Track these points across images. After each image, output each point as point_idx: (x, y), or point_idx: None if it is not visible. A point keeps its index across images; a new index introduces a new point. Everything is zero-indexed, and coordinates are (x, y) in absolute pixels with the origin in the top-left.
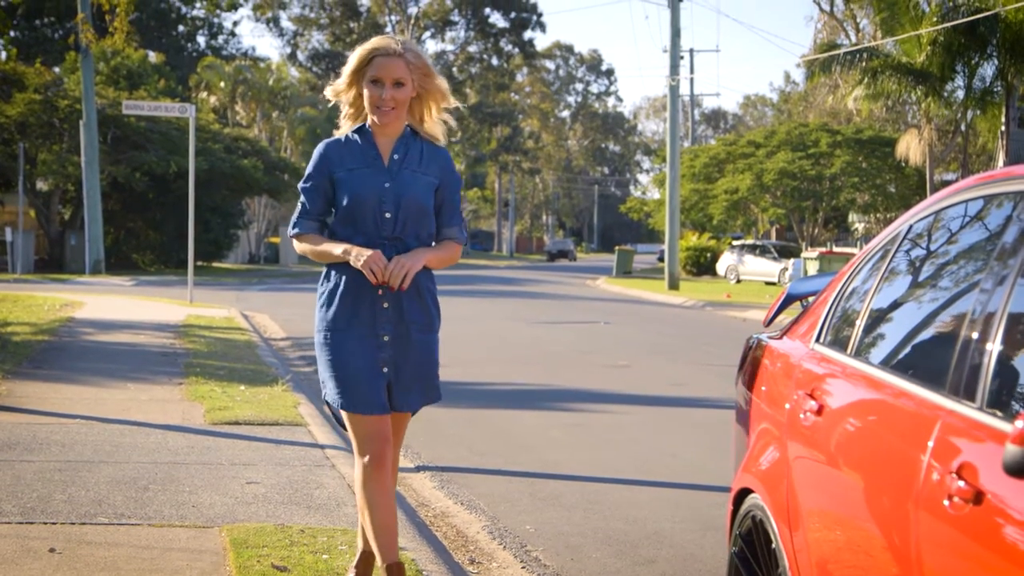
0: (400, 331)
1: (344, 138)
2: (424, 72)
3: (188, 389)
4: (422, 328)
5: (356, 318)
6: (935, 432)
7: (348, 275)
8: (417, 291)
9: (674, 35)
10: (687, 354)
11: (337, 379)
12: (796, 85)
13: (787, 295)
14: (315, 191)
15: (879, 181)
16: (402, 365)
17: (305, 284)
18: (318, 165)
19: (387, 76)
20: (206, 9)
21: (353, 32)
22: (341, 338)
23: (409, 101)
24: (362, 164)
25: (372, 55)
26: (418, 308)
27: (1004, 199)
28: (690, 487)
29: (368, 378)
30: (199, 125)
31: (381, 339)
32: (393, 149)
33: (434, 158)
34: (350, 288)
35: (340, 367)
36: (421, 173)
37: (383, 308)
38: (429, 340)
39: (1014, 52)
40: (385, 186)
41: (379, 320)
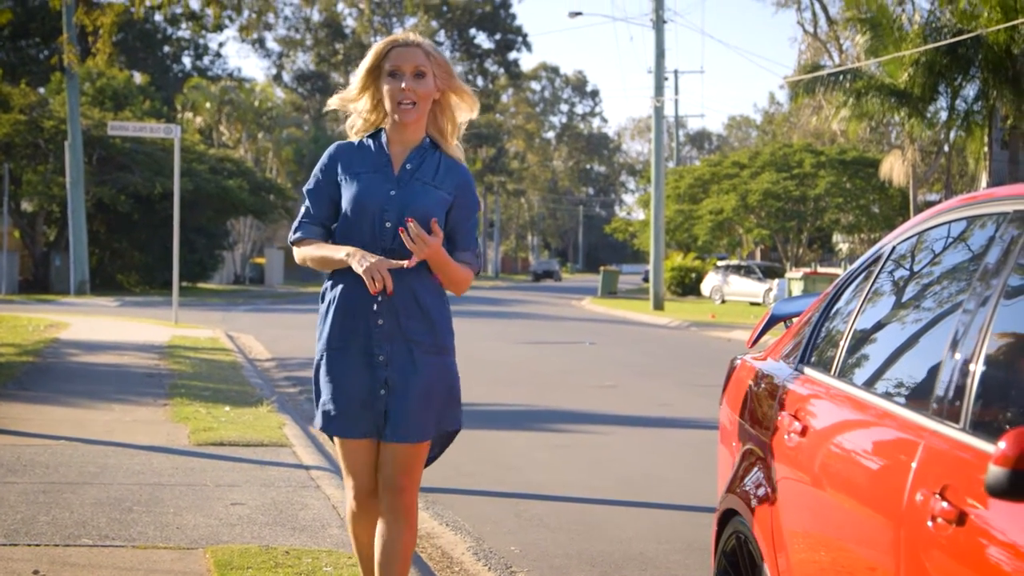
0: (400, 351)
1: (358, 142)
2: (445, 69)
3: (173, 410)
4: (428, 348)
5: (352, 335)
6: (919, 453)
7: (345, 287)
8: (418, 306)
9: (659, 56)
10: (672, 374)
11: (328, 402)
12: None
13: (771, 316)
14: (319, 193)
15: (863, 202)
16: (404, 389)
17: (291, 305)
18: (325, 166)
19: (406, 65)
20: (192, 30)
21: (338, 53)
22: (334, 358)
23: (431, 101)
24: (370, 169)
25: (389, 47)
26: (420, 326)
27: (987, 220)
28: (675, 508)
29: (357, 399)
30: (184, 146)
31: (377, 359)
32: (407, 158)
33: (451, 173)
34: (346, 302)
35: (328, 387)
36: (433, 186)
37: (378, 325)
38: (439, 362)
39: (996, 73)
40: (390, 194)
41: (375, 338)
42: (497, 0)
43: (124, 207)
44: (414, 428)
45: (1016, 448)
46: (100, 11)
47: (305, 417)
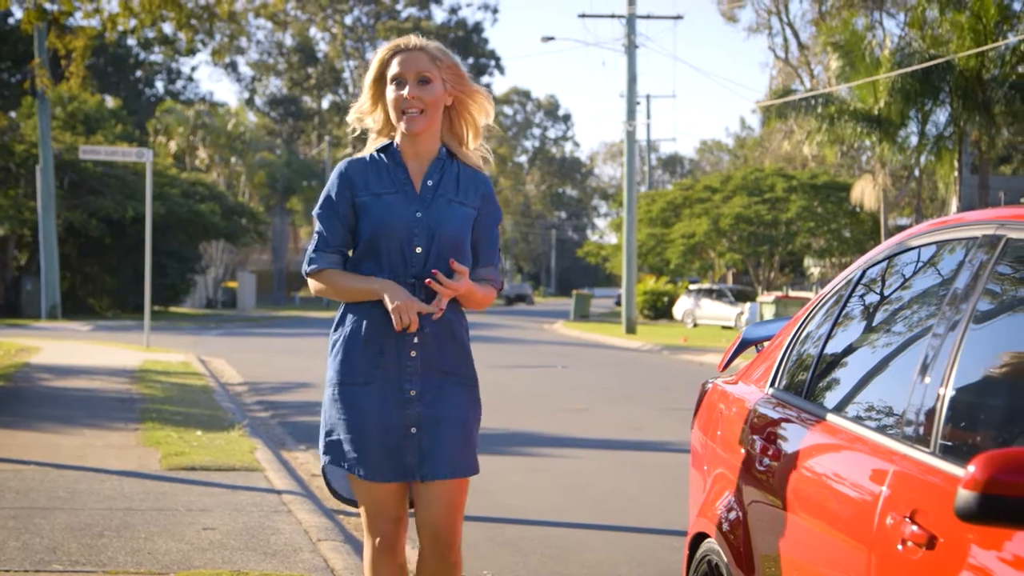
0: (432, 384)
1: (369, 157)
2: (455, 72)
3: (144, 435)
4: (460, 381)
5: (378, 368)
6: (889, 477)
7: (371, 316)
8: (451, 335)
9: (631, 81)
10: (644, 398)
11: (348, 441)
12: (752, 130)
13: (742, 340)
14: (334, 218)
15: (834, 226)
16: (435, 424)
17: (263, 329)
18: (339, 187)
19: (409, 70)
20: (164, 54)
21: (311, 77)
22: (357, 393)
23: (442, 107)
24: (390, 188)
25: (391, 54)
26: (454, 356)
27: (956, 245)
28: (647, 531)
29: (388, 439)
30: (156, 170)
31: (407, 393)
32: (427, 173)
33: (473, 184)
34: (373, 332)
35: (354, 427)
36: (458, 203)
37: (410, 357)
38: (470, 396)
39: (966, 98)
40: (416, 216)
41: (405, 371)
42: (470, 24)
43: (96, 231)
44: (459, 461)
45: (985, 472)
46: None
47: (276, 441)
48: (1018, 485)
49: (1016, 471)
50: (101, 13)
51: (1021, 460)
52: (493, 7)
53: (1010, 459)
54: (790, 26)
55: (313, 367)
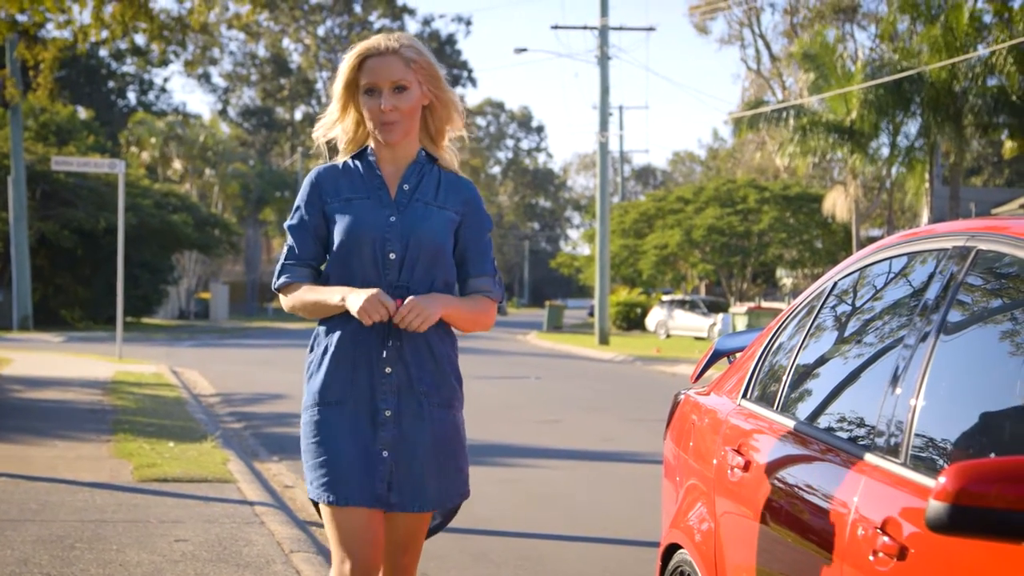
0: (408, 405)
1: (342, 164)
2: (430, 73)
3: (116, 446)
4: (440, 402)
5: (352, 387)
6: (860, 488)
7: (343, 332)
8: (431, 353)
9: (603, 92)
10: (617, 409)
11: (323, 466)
12: (724, 142)
13: (714, 351)
14: (304, 229)
15: (806, 237)
16: (410, 449)
17: (236, 340)
18: (308, 196)
19: (383, 79)
20: (137, 65)
21: (284, 88)
22: (329, 415)
23: (420, 112)
24: (362, 193)
25: (361, 59)
26: (432, 376)
27: (927, 256)
28: (620, 542)
29: (357, 461)
30: (129, 181)
31: (382, 414)
32: (403, 177)
33: (454, 189)
34: (344, 349)
35: (322, 449)
36: (437, 206)
37: (385, 374)
38: (449, 418)
39: (937, 110)
40: (390, 220)
41: (379, 389)
42: (443, 36)
43: (68, 242)
44: (423, 495)
45: (956, 483)
46: (42, 46)
47: (249, 453)
48: (988, 496)
49: (986, 482)
50: (73, 24)
51: (991, 471)
52: (466, 19)
53: (980, 470)
54: (762, 38)
55: (286, 378)
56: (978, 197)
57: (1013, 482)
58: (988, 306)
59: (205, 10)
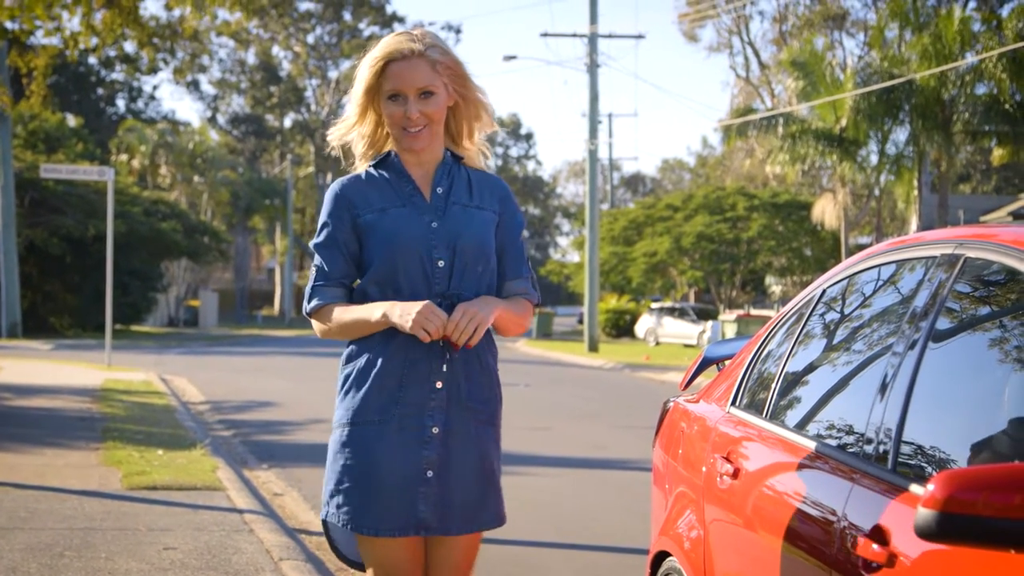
0: (456, 421)
1: (364, 174)
2: (456, 73)
3: (105, 454)
4: (486, 418)
5: (397, 404)
6: (849, 495)
7: (390, 346)
8: (480, 364)
9: (593, 100)
10: (607, 416)
11: (358, 490)
12: (713, 149)
13: (704, 358)
14: (334, 246)
15: (795, 244)
16: (455, 469)
17: (225, 347)
18: (334, 210)
19: (408, 86)
20: (126, 73)
21: (273, 96)
22: (370, 434)
23: (445, 113)
24: (395, 202)
25: (384, 63)
26: (483, 388)
27: (915, 263)
28: (610, 549)
29: (403, 487)
30: (118, 188)
31: (428, 431)
32: (435, 180)
33: (488, 188)
34: (392, 363)
35: (363, 473)
36: (475, 207)
37: (436, 388)
38: (493, 436)
39: (925, 117)
40: (432, 227)
41: (428, 405)
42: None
43: (57, 250)
44: (478, 514)
45: (945, 491)
46: (33, 53)
47: (239, 460)
48: (977, 504)
49: (975, 490)
50: (62, 31)
51: (980, 479)
52: (456, 27)
53: (969, 478)
54: (751, 45)
55: (276, 386)
56: (967, 204)
57: (1001, 490)
58: (976, 314)
59: (196, 17)
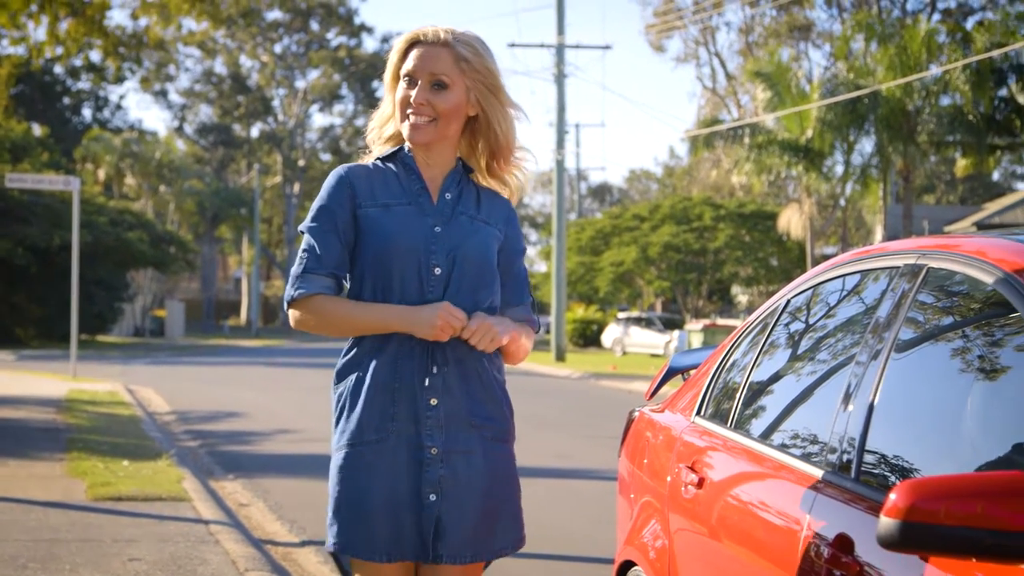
0: (457, 440)
1: (372, 164)
2: (486, 81)
3: (70, 465)
4: (495, 435)
5: (392, 421)
6: (813, 504)
7: (380, 358)
8: (479, 379)
9: (560, 110)
10: (573, 426)
11: (349, 514)
12: (680, 159)
13: (669, 368)
14: (331, 231)
15: (761, 254)
16: (460, 492)
17: (192, 358)
18: (335, 193)
19: (421, 70)
20: (92, 82)
21: (241, 105)
22: (366, 455)
23: (461, 118)
24: (401, 199)
25: (410, 44)
26: (485, 404)
27: (880, 273)
28: (575, 559)
29: (397, 509)
30: (84, 198)
31: (427, 452)
32: (444, 185)
33: (495, 205)
34: (383, 377)
35: (359, 495)
36: (482, 221)
37: (430, 405)
38: (506, 454)
39: (891, 128)
40: (435, 231)
41: (424, 423)
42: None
43: (22, 260)
44: (474, 544)
45: (907, 500)
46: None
47: (204, 471)
48: (939, 513)
49: (937, 499)
50: (27, 40)
51: (942, 488)
52: None
53: (931, 487)
54: (717, 56)
55: (243, 396)
56: (931, 215)
57: (963, 499)
58: (939, 324)
59: (161, 26)
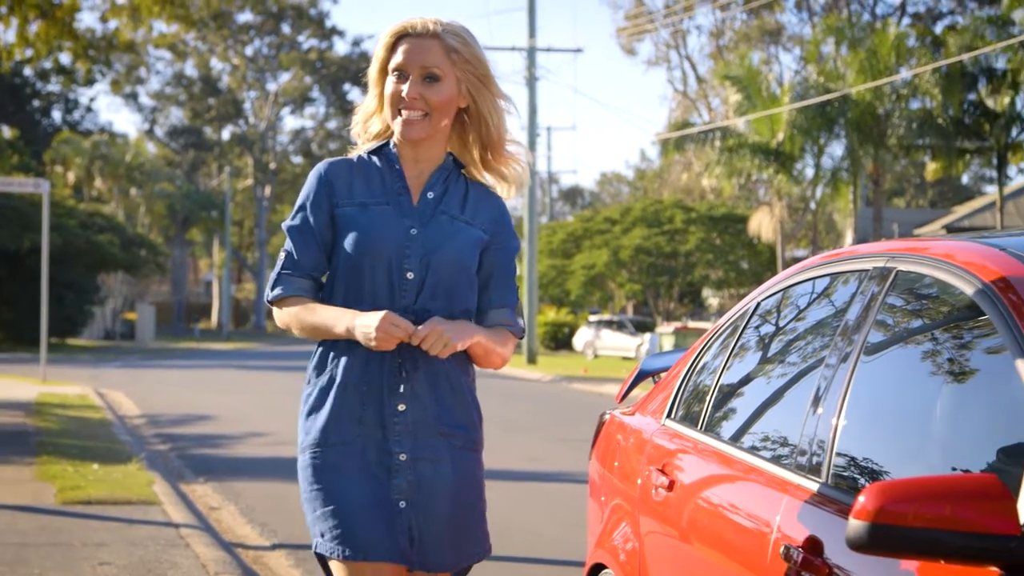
0: (426, 447)
1: (356, 158)
2: (476, 72)
3: (39, 468)
4: (462, 444)
5: (359, 426)
6: (782, 507)
7: (350, 360)
8: (450, 386)
9: (531, 113)
10: (544, 429)
11: (329, 515)
12: (651, 163)
13: (640, 371)
14: (307, 232)
15: (732, 257)
16: (428, 499)
17: (162, 361)
18: (315, 194)
19: (412, 63)
20: (62, 84)
21: (212, 108)
22: (334, 456)
23: (452, 110)
24: (380, 198)
25: (397, 37)
26: (454, 411)
27: (849, 276)
28: (546, 562)
29: (374, 513)
30: (54, 201)
31: (396, 458)
32: (428, 184)
33: (484, 204)
34: (351, 380)
35: (331, 497)
36: (464, 222)
37: (397, 411)
38: (473, 462)
39: (861, 131)
40: (410, 233)
41: (391, 429)
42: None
43: None
44: (442, 552)
45: (876, 502)
46: None
47: (175, 474)
48: (907, 515)
49: (905, 501)
50: None
51: (911, 490)
52: None
53: (899, 489)
54: (688, 60)
55: (213, 400)
56: (901, 218)
57: (931, 501)
58: (908, 326)
59: (131, 28)
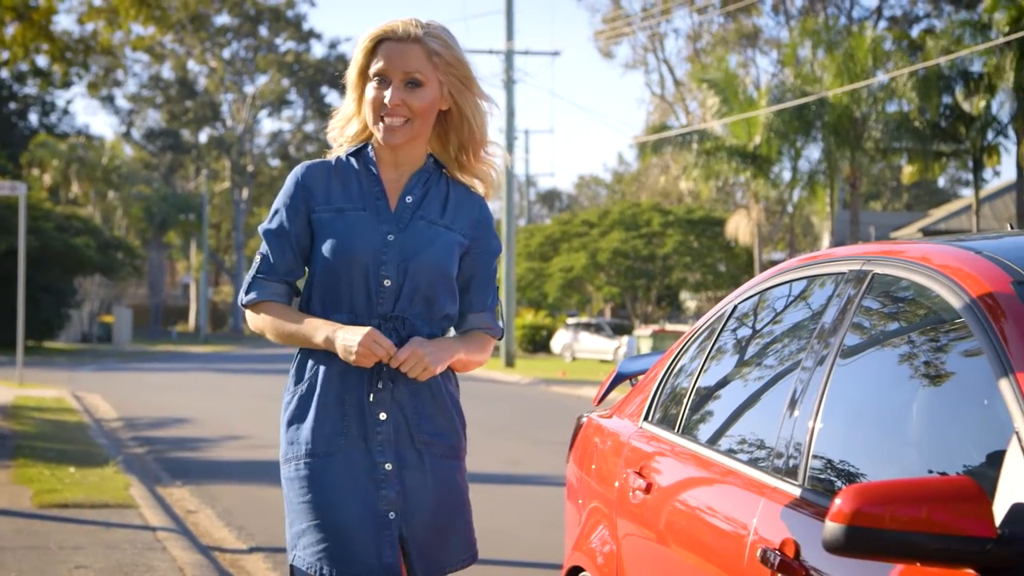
0: (409, 455)
1: (335, 160)
2: (458, 73)
3: (15, 472)
4: (443, 452)
5: (343, 436)
6: (759, 510)
7: (330, 368)
8: (431, 394)
9: (509, 116)
10: (521, 432)
11: (317, 529)
12: (629, 166)
13: (617, 373)
14: (283, 236)
15: (710, 260)
16: (415, 509)
17: (139, 364)
18: (291, 198)
19: (394, 69)
20: (39, 87)
21: (189, 111)
22: (320, 468)
23: (434, 114)
24: (357, 203)
25: (377, 42)
26: (435, 420)
27: (826, 279)
28: (524, 565)
29: (365, 527)
30: (30, 203)
31: (381, 468)
32: (406, 187)
33: (464, 206)
34: (332, 389)
35: (319, 511)
36: (443, 226)
37: (379, 420)
38: (455, 470)
39: (838, 134)
40: (388, 239)
41: (374, 439)
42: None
43: None
44: (429, 561)
45: (853, 504)
46: None
47: (152, 477)
48: (884, 517)
49: (881, 503)
50: None
51: (887, 493)
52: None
53: (876, 491)
54: (666, 63)
55: (190, 403)
56: (878, 221)
57: (907, 503)
58: (884, 329)
59: (109, 31)
